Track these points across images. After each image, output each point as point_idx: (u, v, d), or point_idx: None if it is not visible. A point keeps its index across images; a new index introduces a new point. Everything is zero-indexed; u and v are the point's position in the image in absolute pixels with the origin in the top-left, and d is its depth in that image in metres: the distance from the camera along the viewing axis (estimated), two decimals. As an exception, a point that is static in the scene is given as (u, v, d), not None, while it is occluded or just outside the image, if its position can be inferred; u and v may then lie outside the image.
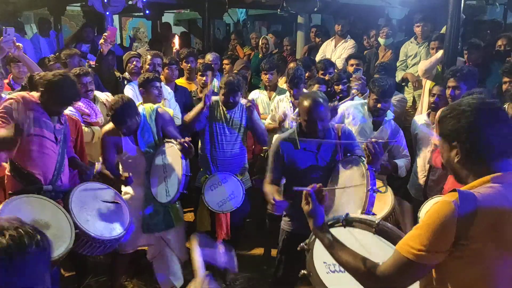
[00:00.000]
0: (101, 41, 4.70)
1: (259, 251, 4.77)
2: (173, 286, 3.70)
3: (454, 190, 1.47)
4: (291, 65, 5.71)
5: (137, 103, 3.62)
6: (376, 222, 1.95)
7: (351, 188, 2.71)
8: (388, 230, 1.94)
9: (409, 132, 4.25)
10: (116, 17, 10.16)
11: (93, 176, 3.49)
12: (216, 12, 8.15)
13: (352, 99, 4.22)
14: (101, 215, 3.21)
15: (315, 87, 4.69)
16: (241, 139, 3.99)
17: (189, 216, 4.99)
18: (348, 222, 2.04)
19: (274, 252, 4.28)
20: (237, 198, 3.85)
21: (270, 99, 5.08)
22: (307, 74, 5.09)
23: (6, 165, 3.22)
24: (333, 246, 1.78)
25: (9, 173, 3.18)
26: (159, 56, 4.77)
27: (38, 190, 3.05)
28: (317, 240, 2.06)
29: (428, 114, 4.26)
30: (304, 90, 4.58)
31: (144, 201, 3.53)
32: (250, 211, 4.27)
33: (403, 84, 5.94)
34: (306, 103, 2.97)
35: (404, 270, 1.51)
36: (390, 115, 3.96)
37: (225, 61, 6.30)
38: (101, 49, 4.69)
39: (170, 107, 4.39)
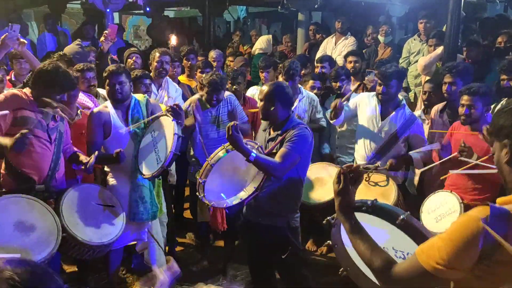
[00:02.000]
0: (102, 38, 4.70)
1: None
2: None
3: (487, 204, 1.34)
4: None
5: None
6: (403, 216, 1.87)
7: None
8: (413, 226, 1.86)
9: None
10: (116, 15, 10.15)
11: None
12: (217, 10, 8.17)
13: (348, 99, 4.24)
14: (92, 218, 3.15)
15: (310, 83, 4.70)
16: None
17: (187, 213, 5.04)
18: (374, 209, 1.95)
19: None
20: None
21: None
22: (302, 72, 5.08)
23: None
24: (354, 232, 1.68)
25: (3, 171, 3.15)
26: (167, 53, 4.78)
27: (29, 190, 3.01)
28: None
29: (424, 111, 4.28)
30: (299, 85, 4.58)
31: (131, 189, 3.48)
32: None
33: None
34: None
35: (418, 278, 1.44)
36: (402, 104, 3.96)
37: (230, 58, 6.34)
38: (102, 47, 4.69)
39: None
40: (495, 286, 1.34)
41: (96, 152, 3.20)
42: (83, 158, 3.31)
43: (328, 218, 2.17)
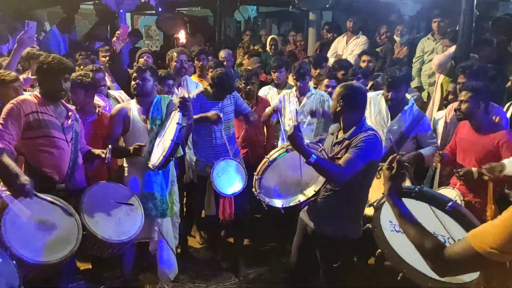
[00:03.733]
0: (114, 39, 4.75)
1: (270, 245, 4.80)
2: (169, 278, 3.82)
3: None
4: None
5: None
6: (450, 203, 1.94)
7: None
8: (461, 213, 1.95)
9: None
10: (128, 15, 10.23)
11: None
12: (228, 10, 8.19)
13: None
14: (112, 217, 3.21)
15: (325, 81, 4.68)
16: (232, 125, 4.29)
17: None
18: (421, 195, 2.02)
19: (287, 246, 4.33)
20: (241, 180, 4.06)
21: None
22: (317, 71, 5.09)
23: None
24: (404, 217, 1.78)
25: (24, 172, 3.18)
26: (184, 53, 4.87)
27: (50, 189, 3.05)
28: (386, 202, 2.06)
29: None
30: (310, 84, 4.57)
31: (142, 184, 3.57)
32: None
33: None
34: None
35: (471, 261, 1.54)
36: (410, 101, 3.97)
37: (245, 56, 6.38)
38: (114, 47, 4.73)
39: None
40: None
41: (110, 146, 3.28)
42: (98, 151, 3.36)
43: (370, 203, 2.24)
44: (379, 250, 2.21)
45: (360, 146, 2.75)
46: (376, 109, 4.02)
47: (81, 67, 4.72)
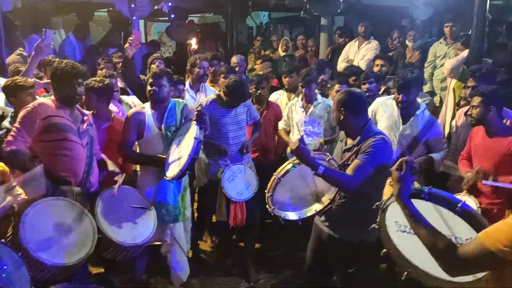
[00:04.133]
0: (126, 45, 4.81)
1: (280, 251, 4.80)
2: (181, 280, 3.85)
3: None
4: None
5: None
6: (460, 204, 1.96)
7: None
8: (471, 214, 1.96)
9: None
10: (141, 22, 10.35)
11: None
12: (240, 15, 8.25)
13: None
14: (126, 220, 3.25)
15: (336, 87, 4.68)
16: (244, 133, 4.30)
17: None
18: (431, 196, 2.03)
19: (297, 252, 4.33)
20: (252, 185, 4.10)
21: (289, 100, 5.12)
22: (320, 77, 5.07)
23: None
24: (415, 217, 1.80)
25: None
26: (206, 59, 4.96)
27: (67, 192, 3.11)
28: (394, 202, 2.09)
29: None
30: (317, 91, 4.59)
31: (156, 189, 3.61)
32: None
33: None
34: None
35: (484, 260, 1.56)
36: (422, 106, 3.95)
37: (258, 61, 6.41)
38: (127, 53, 4.80)
39: None
40: None
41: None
42: (110, 165, 3.43)
43: (377, 203, 2.28)
44: (384, 249, 2.24)
45: (369, 151, 2.77)
46: (387, 113, 4.01)
47: (104, 71, 4.77)
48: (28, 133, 3.04)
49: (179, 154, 3.39)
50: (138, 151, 3.69)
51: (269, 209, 2.97)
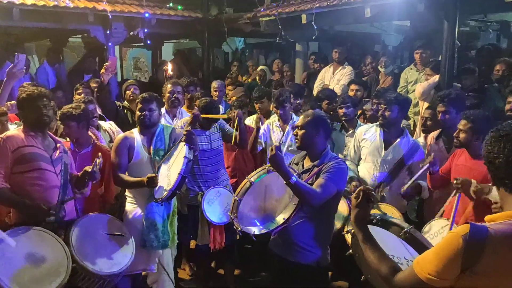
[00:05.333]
0: (102, 70, 4.79)
1: (261, 276, 4.72)
2: None
3: (467, 223, 1.53)
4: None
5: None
6: (406, 229, 2.07)
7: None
8: (416, 239, 2.06)
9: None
10: (116, 47, 10.34)
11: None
12: (216, 41, 8.33)
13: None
14: (103, 248, 3.18)
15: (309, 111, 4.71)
16: (221, 152, 4.32)
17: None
18: (383, 222, 2.15)
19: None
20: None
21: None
22: (298, 101, 5.12)
23: None
24: (366, 241, 1.88)
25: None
26: (178, 84, 4.94)
27: (39, 222, 3.01)
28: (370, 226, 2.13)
29: (425, 137, 4.33)
30: (291, 113, 4.64)
31: (145, 215, 3.54)
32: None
33: None
34: None
35: (416, 286, 1.61)
36: (405, 132, 4.03)
37: (229, 87, 6.46)
38: (102, 79, 4.77)
39: None
40: None
41: (100, 154, 3.23)
42: (86, 168, 3.24)
43: (347, 229, 2.29)
44: (363, 276, 2.29)
45: (332, 171, 2.85)
46: (371, 138, 4.08)
47: (82, 96, 4.69)
48: (1, 168, 2.98)
49: (168, 176, 3.37)
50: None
51: (230, 215, 2.88)
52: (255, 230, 2.89)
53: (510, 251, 1.47)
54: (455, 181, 3.33)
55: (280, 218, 2.90)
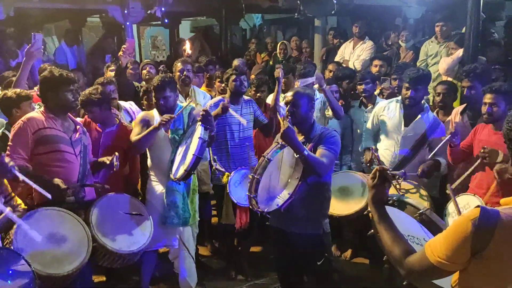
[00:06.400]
0: (120, 53, 4.80)
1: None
2: (190, 287, 3.83)
3: (478, 207, 1.51)
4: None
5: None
6: (421, 211, 2.03)
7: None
8: (431, 220, 2.08)
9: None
10: (134, 27, 10.33)
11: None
12: (233, 18, 8.25)
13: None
14: (122, 228, 3.25)
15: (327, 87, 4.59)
16: (250, 133, 4.31)
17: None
18: (400, 203, 2.07)
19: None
20: None
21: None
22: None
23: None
24: (381, 222, 1.84)
25: None
26: (188, 62, 4.91)
27: (60, 202, 3.07)
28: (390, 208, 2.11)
29: (437, 113, 4.24)
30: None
31: (165, 192, 3.61)
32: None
33: None
34: None
35: (427, 270, 1.60)
36: (426, 108, 3.95)
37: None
38: (120, 61, 4.78)
39: None
40: (495, 282, 1.51)
41: (117, 153, 3.31)
42: (102, 159, 3.38)
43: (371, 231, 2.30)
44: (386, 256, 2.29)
45: (331, 141, 3.00)
46: (390, 115, 4.03)
47: (107, 75, 4.76)
48: (23, 150, 3.04)
49: (186, 156, 3.42)
50: (148, 155, 3.73)
51: (250, 195, 2.88)
52: (272, 206, 2.96)
53: None
54: (482, 150, 3.28)
55: (285, 194, 2.98)
